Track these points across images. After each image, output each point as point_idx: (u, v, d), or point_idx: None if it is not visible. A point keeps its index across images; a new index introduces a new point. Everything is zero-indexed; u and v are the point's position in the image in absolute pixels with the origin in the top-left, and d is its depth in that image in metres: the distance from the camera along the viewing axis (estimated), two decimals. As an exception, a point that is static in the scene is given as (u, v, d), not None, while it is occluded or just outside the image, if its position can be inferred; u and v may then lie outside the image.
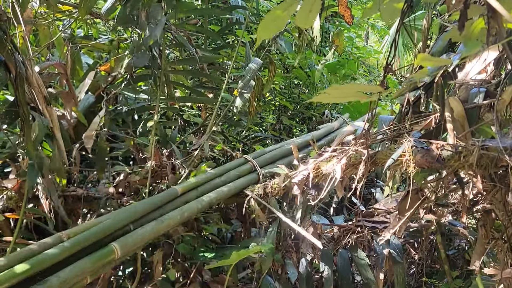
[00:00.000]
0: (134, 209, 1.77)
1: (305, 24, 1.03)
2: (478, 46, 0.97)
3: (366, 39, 7.49)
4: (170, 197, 1.90)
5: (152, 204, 1.83)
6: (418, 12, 5.08)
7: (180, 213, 1.83)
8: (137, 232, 1.69)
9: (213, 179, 2.06)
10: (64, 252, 1.47)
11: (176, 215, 1.82)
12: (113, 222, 1.66)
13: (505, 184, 1.57)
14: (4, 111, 1.73)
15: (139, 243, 1.69)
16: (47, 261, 1.42)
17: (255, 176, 2.16)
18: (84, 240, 1.55)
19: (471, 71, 1.55)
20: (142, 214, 1.77)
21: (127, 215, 1.72)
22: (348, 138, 2.15)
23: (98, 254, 1.55)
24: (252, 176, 2.16)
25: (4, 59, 1.54)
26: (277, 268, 2.16)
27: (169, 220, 1.78)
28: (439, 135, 1.60)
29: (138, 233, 1.69)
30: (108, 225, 1.65)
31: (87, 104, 2.37)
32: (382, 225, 2.26)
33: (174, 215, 1.81)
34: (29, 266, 1.36)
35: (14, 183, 1.91)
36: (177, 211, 1.83)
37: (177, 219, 1.81)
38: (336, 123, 2.97)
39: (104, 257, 1.55)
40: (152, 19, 2.04)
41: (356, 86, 1.03)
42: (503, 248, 1.71)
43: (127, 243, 1.63)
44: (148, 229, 1.71)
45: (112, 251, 1.58)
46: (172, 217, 1.80)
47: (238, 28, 3.44)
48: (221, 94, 2.50)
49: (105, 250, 1.57)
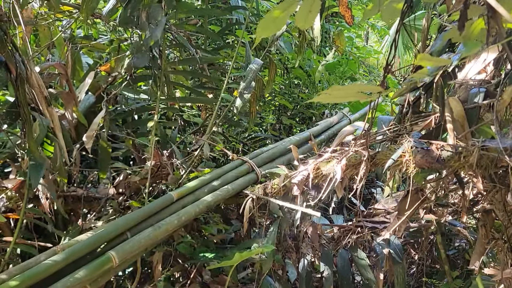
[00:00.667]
0: (130, 218, 1.77)
1: (304, 24, 1.03)
2: (478, 46, 0.97)
3: (366, 39, 7.48)
4: (166, 203, 1.91)
5: (149, 211, 1.83)
6: (418, 12, 5.08)
7: (178, 218, 1.83)
8: (134, 239, 1.69)
9: (209, 183, 2.06)
10: (58, 263, 1.47)
11: (173, 220, 1.82)
12: (108, 231, 1.67)
13: (505, 185, 1.57)
14: (5, 112, 1.73)
15: (136, 250, 1.69)
16: (41, 274, 1.43)
17: (254, 176, 2.17)
18: (79, 250, 1.55)
19: (470, 71, 1.55)
20: (137, 222, 1.78)
21: (123, 223, 1.73)
22: (348, 138, 2.15)
23: (95, 263, 1.55)
24: (251, 176, 2.16)
25: (4, 59, 1.54)
26: (277, 268, 2.16)
27: (166, 226, 1.78)
28: (439, 136, 1.60)
29: (134, 240, 1.69)
30: (104, 233, 1.65)
31: (87, 104, 2.37)
32: (382, 225, 2.26)
33: (171, 220, 1.82)
34: (19, 281, 1.36)
35: (14, 183, 1.91)
36: (174, 216, 1.83)
37: (174, 224, 1.81)
38: (335, 118, 2.96)
39: (101, 265, 1.55)
40: (153, 19, 2.04)
41: (357, 86, 1.02)
42: (503, 248, 1.71)
43: (124, 251, 1.62)
44: (145, 235, 1.71)
45: (109, 259, 1.57)
46: (169, 222, 1.80)
47: (238, 28, 3.44)
48: (221, 95, 2.50)
49: (102, 259, 1.57)
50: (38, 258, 1.52)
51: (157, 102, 2.32)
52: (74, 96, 2.10)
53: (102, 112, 2.22)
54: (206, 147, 2.31)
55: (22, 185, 1.88)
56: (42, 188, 1.92)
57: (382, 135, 1.85)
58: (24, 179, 1.82)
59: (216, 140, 2.70)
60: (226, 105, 2.62)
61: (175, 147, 2.41)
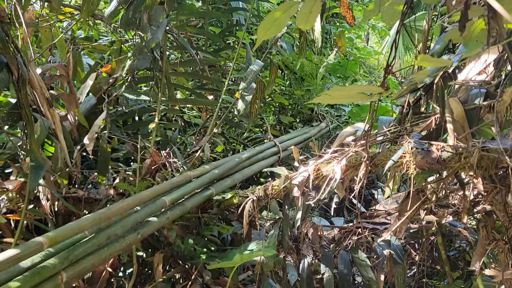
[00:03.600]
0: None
1: (305, 25, 1.03)
2: (478, 47, 0.97)
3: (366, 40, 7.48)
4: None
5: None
6: (418, 13, 5.10)
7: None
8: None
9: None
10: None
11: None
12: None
13: (505, 185, 1.57)
14: (7, 113, 1.73)
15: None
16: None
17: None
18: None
19: (471, 72, 1.56)
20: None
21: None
22: (348, 139, 2.15)
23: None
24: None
25: (6, 61, 1.55)
26: (278, 270, 2.16)
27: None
28: (440, 136, 1.60)
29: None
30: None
31: (88, 105, 2.38)
32: (383, 226, 2.26)
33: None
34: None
35: (15, 184, 1.91)
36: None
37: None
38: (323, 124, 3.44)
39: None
40: (154, 21, 2.04)
41: (357, 87, 1.03)
42: (504, 249, 1.71)
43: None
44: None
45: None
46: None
47: (239, 30, 3.45)
48: (222, 96, 2.51)
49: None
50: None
51: (158, 103, 2.33)
52: (75, 97, 2.11)
53: (103, 114, 2.22)
54: (207, 148, 2.32)
55: (22, 186, 1.88)
56: (42, 189, 1.93)
57: (383, 136, 1.86)
58: (25, 180, 1.82)
59: (216, 141, 2.70)
60: (226, 106, 2.63)
61: (176, 148, 2.42)
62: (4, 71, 1.56)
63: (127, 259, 2.07)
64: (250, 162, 2.35)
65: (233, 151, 3.32)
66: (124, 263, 2.12)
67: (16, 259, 1.12)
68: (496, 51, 1.48)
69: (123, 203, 1.54)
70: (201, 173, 1.95)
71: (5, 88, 1.64)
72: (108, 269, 1.93)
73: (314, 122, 3.73)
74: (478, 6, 0.91)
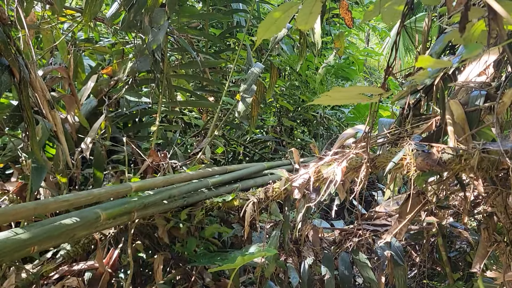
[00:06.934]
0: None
1: (305, 26, 1.03)
2: (478, 48, 0.97)
3: (367, 41, 7.50)
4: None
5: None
6: (418, 14, 5.10)
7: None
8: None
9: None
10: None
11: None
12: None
13: (506, 187, 1.57)
14: (8, 115, 1.74)
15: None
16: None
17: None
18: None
19: (471, 74, 1.56)
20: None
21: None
22: (348, 141, 2.15)
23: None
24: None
25: (8, 63, 1.55)
26: (278, 272, 2.15)
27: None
28: (440, 138, 1.60)
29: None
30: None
31: (89, 107, 2.38)
32: (384, 228, 2.26)
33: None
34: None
35: (16, 186, 1.91)
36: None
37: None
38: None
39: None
40: (155, 23, 2.05)
41: (357, 88, 1.02)
42: (505, 251, 1.71)
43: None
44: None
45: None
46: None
47: (239, 31, 3.45)
48: (222, 98, 2.51)
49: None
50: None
51: (159, 105, 2.33)
52: (77, 99, 2.11)
53: (102, 117, 2.23)
54: (208, 149, 2.32)
55: (23, 187, 1.88)
56: (43, 191, 1.93)
57: (383, 138, 1.86)
58: (26, 182, 1.82)
59: (217, 143, 2.71)
60: (227, 108, 2.63)
61: (178, 149, 2.42)
62: (6, 73, 1.56)
63: (128, 261, 2.06)
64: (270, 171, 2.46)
65: (234, 152, 3.33)
66: (125, 264, 2.12)
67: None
68: (496, 52, 1.48)
69: (182, 175, 1.98)
70: (234, 169, 2.31)
71: (7, 90, 1.64)
72: (108, 270, 1.93)
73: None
74: (478, 8, 0.91)
